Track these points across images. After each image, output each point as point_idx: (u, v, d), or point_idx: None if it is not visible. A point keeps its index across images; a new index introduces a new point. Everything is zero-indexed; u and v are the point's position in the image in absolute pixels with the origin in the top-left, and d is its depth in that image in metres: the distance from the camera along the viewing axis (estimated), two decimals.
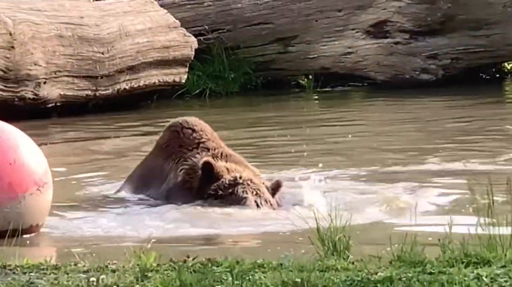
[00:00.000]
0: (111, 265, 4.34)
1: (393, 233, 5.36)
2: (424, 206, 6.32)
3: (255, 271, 4.06)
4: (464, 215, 5.70)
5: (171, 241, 5.75)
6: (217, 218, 6.27)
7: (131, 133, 10.70)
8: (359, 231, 5.34)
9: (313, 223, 4.44)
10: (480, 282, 3.81)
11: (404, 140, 9.49)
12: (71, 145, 10.09)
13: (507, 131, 9.73)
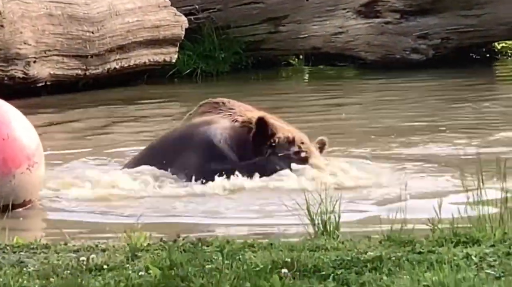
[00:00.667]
0: (101, 244, 4.34)
1: (383, 213, 5.38)
2: (414, 186, 6.34)
3: (245, 250, 4.07)
4: (454, 195, 5.72)
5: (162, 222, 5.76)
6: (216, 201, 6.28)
7: (122, 112, 10.68)
8: (349, 210, 5.35)
9: (304, 203, 4.45)
10: (469, 261, 3.83)
11: (394, 120, 9.49)
12: (62, 124, 10.07)
13: (497, 112, 9.75)
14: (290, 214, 5.04)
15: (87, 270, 3.88)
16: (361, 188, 6.41)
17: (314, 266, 3.78)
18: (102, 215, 5.94)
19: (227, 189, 6.41)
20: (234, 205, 6.12)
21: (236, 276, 3.62)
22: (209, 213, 5.97)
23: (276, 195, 6.23)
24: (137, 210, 5.96)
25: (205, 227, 5.63)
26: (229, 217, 5.86)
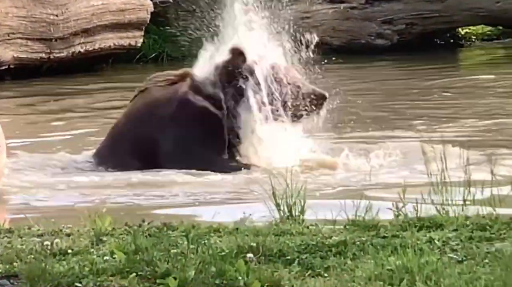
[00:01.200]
0: (65, 229, 4.32)
1: (348, 198, 5.41)
2: (378, 171, 6.37)
3: (210, 235, 4.07)
4: (418, 180, 5.76)
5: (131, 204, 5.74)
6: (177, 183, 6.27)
7: (87, 95, 10.62)
8: (315, 195, 5.38)
9: (269, 187, 4.47)
10: (432, 245, 3.87)
11: (358, 105, 9.53)
12: (26, 107, 9.99)
13: (460, 98, 9.83)
14: (255, 199, 5.06)
15: (51, 254, 3.86)
16: (326, 172, 6.44)
17: (280, 250, 3.80)
18: (67, 200, 5.92)
19: (192, 175, 6.40)
20: (200, 190, 6.12)
21: (201, 260, 3.62)
22: (174, 197, 5.96)
23: (242, 179, 6.24)
24: (103, 194, 5.94)
25: (171, 211, 5.62)
26: (194, 201, 5.86)
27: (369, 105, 9.56)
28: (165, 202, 5.90)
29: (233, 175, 6.37)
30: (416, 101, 9.69)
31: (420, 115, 8.83)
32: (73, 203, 5.80)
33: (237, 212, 5.23)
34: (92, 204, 5.68)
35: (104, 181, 6.31)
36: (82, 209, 5.30)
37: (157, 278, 3.57)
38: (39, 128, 8.59)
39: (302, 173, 6.21)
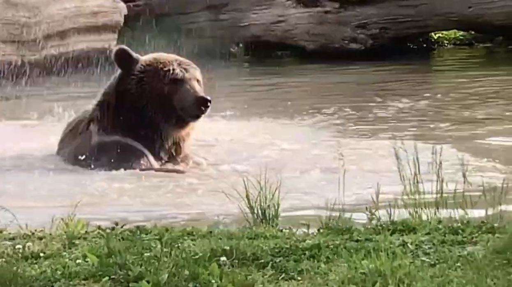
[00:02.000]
0: (37, 232, 4.30)
1: (321, 201, 5.42)
2: (352, 175, 6.39)
3: (184, 238, 4.06)
4: (391, 184, 5.78)
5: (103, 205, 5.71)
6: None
7: (59, 97, 10.55)
8: (288, 199, 5.38)
9: (243, 190, 4.46)
10: (405, 249, 3.88)
11: (330, 109, 9.56)
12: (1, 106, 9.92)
13: (432, 102, 9.88)
14: (229, 202, 5.05)
15: (23, 258, 3.83)
16: (300, 176, 6.45)
17: (253, 254, 3.80)
18: (37, 203, 5.87)
19: (163, 176, 6.39)
20: (172, 191, 6.11)
21: (175, 264, 3.61)
22: (147, 199, 5.94)
23: (214, 181, 6.23)
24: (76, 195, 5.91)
25: (143, 214, 5.60)
26: (168, 204, 5.84)
27: (342, 109, 9.58)
28: (138, 205, 5.88)
29: (204, 177, 6.37)
30: (388, 104, 9.73)
31: (393, 119, 8.86)
32: (45, 206, 5.76)
33: (210, 215, 5.23)
34: (63, 207, 5.65)
35: (72, 182, 6.28)
36: (54, 212, 5.27)
37: (130, 281, 3.55)
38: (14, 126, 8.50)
39: (275, 175, 6.21)
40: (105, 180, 6.24)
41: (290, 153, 7.20)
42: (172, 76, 6.45)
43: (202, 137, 7.83)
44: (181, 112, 6.45)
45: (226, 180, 6.23)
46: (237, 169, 6.58)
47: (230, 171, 6.52)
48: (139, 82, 6.48)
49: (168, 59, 6.58)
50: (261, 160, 6.90)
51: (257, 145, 7.51)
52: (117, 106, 6.52)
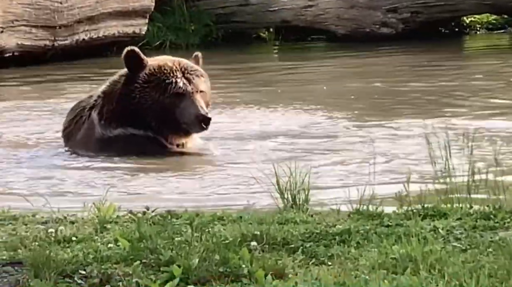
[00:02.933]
0: (70, 216, 4.33)
1: (352, 186, 5.41)
2: (383, 160, 6.37)
3: (214, 223, 4.08)
4: (422, 169, 5.76)
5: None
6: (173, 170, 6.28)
7: (89, 83, 10.61)
8: (319, 184, 5.38)
9: (274, 176, 4.47)
10: (436, 234, 3.87)
11: (363, 94, 9.53)
12: (30, 93, 10.00)
13: (462, 85, 9.81)
14: (260, 187, 5.06)
15: (55, 242, 3.87)
16: (331, 161, 6.44)
17: (283, 239, 3.80)
18: (70, 187, 5.92)
19: (193, 162, 6.41)
20: (202, 176, 6.13)
21: (205, 248, 3.63)
22: (177, 185, 5.97)
23: (245, 167, 6.24)
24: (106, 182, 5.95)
25: (174, 200, 5.63)
26: (199, 189, 5.86)
27: (372, 93, 9.55)
28: (169, 190, 5.90)
29: (233, 163, 6.37)
30: (420, 89, 9.68)
31: (424, 104, 8.82)
32: (77, 190, 5.80)
33: (241, 200, 5.24)
34: (95, 191, 5.69)
35: (105, 168, 6.31)
36: (85, 196, 5.31)
37: (161, 265, 3.57)
38: (42, 114, 8.57)
39: (305, 162, 6.21)
40: (124, 169, 6.26)
41: (319, 138, 7.19)
42: (175, 90, 6.43)
43: (232, 124, 7.84)
44: (184, 125, 6.47)
45: (256, 166, 6.24)
46: (267, 155, 6.58)
47: (260, 157, 6.53)
48: (142, 92, 6.45)
49: (172, 68, 6.50)
50: (290, 146, 6.90)
51: (286, 130, 7.51)
52: (120, 106, 6.51)
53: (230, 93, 9.72)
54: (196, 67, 6.64)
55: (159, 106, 6.43)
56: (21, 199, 5.41)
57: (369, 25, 13.81)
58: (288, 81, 10.71)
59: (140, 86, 6.47)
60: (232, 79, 10.87)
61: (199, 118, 6.40)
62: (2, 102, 9.56)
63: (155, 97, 6.44)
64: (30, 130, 7.75)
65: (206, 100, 6.54)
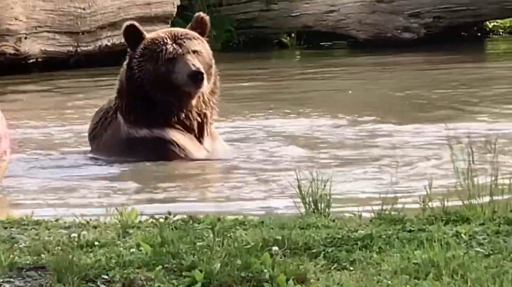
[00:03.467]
0: (92, 221, 4.35)
1: (374, 191, 5.40)
2: (404, 163, 6.36)
3: (236, 228, 4.08)
4: (444, 173, 5.74)
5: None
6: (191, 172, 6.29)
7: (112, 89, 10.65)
8: (340, 189, 5.37)
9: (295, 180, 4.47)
10: (459, 239, 3.85)
11: (384, 98, 9.51)
12: (52, 99, 10.05)
13: (485, 91, 9.77)
14: (281, 192, 5.06)
15: (78, 246, 3.88)
16: (352, 165, 6.43)
17: (305, 243, 3.80)
18: (91, 193, 5.94)
19: (215, 167, 6.42)
20: (224, 182, 6.13)
21: (227, 253, 3.63)
22: (198, 191, 5.98)
23: (266, 172, 6.25)
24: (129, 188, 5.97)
25: (195, 205, 5.63)
26: (220, 195, 5.87)
27: (395, 98, 9.53)
28: (191, 194, 5.91)
29: (255, 169, 6.38)
30: (442, 94, 9.65)
31: (447, 108, 8.79)
32: (98, 195, 5.83)
33: (262, 205, 5.24)
34: (117, 197, 5.71)
35: (128, 173, 6.33)
36: (108, 201, 5.33)
37: (183, 270, 3.58)
38: (64, 119, 8.61)
39: (327, 166, 6.21)
40: (147, 173, 6.28)
41: (341, 143, 7.19)
42: (166, 56, 6.44)
43: (252, 129, 7.85)
44: (181, 88, 6.43)
45: (277, 171, 6.23)
46: (288, 160, 6.58)
47: (281, 162, 6.53)
48: (139, 65, 6.48)
49: (163, 37, 6.51)
50: (312, 152, 6.90)
51: (307, 135, 7.50)
52: (129, 91, 6.51)
53: (251, 97, 9.74)
54: (188, 32, 6.62)
55: (156, 76, 6.41)
56: (44, 204, 5.44)
57: (391, 30, 13.78)
58: (310, 86, 10.70)
59: (137, 61, 6.50)
60: (253, 83, 10.88)
61: (190, 76, 6.37)
62: (26, 107, 9.62)
63: (151, 68, 6.44)
64: (54, 134, 7.80)
65: (204, 61, 6.50)
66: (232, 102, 9.25)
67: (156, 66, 6.44)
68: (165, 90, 6.44)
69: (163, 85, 6.43)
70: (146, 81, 6.46)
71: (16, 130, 7.85)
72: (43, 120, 8.46)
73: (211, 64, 6.59)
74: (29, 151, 7.09)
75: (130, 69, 6.53)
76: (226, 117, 8.15)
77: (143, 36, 6.53)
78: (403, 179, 5.89)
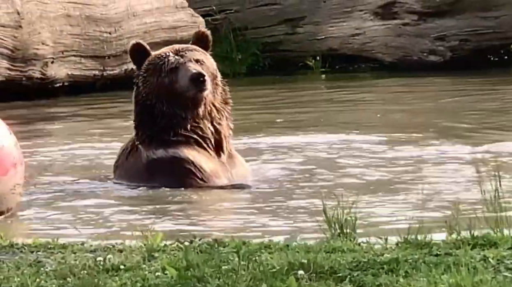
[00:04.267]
0: (118, 245, 4.35)
1: (400, 215, 5.37)
2: (431, 188, 6.32)
3: (261, 251, 4.07)
4: (471, 197, 5.69)
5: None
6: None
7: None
8: (366, 213, 5.35)
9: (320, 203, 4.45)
10: (486, 263, 3.81)
11: (410, 121, 9.47)
12: (78, 124, 10.10)
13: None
14: (306, 216, 5.04)
15: (104, 270, 3.89)
16: (379, 188, 6.40)
17: (331, 267, 3.78)
18: (118, 215, 5.95)
19: (239, 189, 6.40)
20: (249, 205, 6.12)
21: (252, 277, 3.62)
22: (223, 214, 5.97)
23: (291, 195, 6.23)
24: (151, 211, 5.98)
25: (220, 228, 5.63)
26: (244, 218, 5.86)
27: (422, 121, 9.49)
28: (215, 218, 5.91)
29: (279, 191, 6.36)
30: (469, 117, 9.60)
31: (474, 131, 8.74)
32: (125, 219, 5.83)
33: (287, 228, 5.22)
34: (142, 221, 5.71)
35: (151, 197, 6.34)
36: (133, 225, 5.33)
37: None
38: (89, 142, 8.64)
39: (353, 190, 6.18)
40: (170, 198, 6.27)
41: (366, 165, 7.16)
42: (168, 67, 6.51)
43: (278, 150, 7.84)
44: (185, 94, 6.45)
45: (301, 194, 6.21)
46: (314, 182, 6.56)
47: (306, 185, 6.51)
48: (144, 81, 6.54)
49: (165, 51, 6.62)
50: (337, 174, 6.87)
51: (332, 157, 7.48)
52: (137, 109, 6.55)
53: (276, 119, 9.74)
54: (189, 45, 6.72)
55: (159, 88, 6.46)
56: (71, 228, 5.46)
57: (417, 53, 13.76)
58: (335, 108, 10.69)
59: (141, 77, 6.57)
60: (279, 105, 10.88)
61: (191, 79, 6.42)
62: (54, 132, 9.68)
63: (154, 81, 6.49)
64: (80, 159, 7.83)
65: (207, 70, 6.54)
66: (256, 120, 9.27)
67: (160, 78, 6.50)
68: (170, 101, 6.46)
69: (167, 96, 6.46)
70: (151, 95, 6.50)
71: (41, 154, 7.91)
72: (69, 144, 8.50)
73: (216, 74, 6.64)
74: (54, 175, 7.12)
75: (137, 86, 6.59)
76: (249, 135, 8.17)
77: (149, 54, 6.58)
78: (430, 202, 5.85)
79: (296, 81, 13.37)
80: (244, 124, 8.68)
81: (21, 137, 6.80)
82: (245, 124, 8.70)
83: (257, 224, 5.65)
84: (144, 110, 6.54)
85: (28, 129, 9.43)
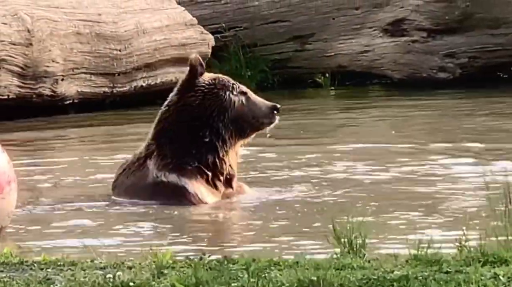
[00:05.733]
0: (127, 262, 4.35)
1: (410, 232, 5.35)
2: (440, 204, 6.30)
3: (271, 268, 4.06)
4: (481, 214, 5.68)
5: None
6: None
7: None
8: (376, 229, 5.33)
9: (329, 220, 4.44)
10: (497, 281, 3.80)
11: (419, 138, 9.46)
12: (89, 141, 10.12)
13: None
14: (315, 232, 5.03)
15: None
16: (388, 204, 6.39)
17: (340, 285, 3.77)
18: (128, 232, 5.95)
19: (248, 204, 6.40)
20: (258, 222, 6.12)
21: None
22: (232, 231, 5.97)
23: (299, 211, 6.22)
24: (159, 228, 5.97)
25: (230, 245, 5.62)
26: (253, 235, 5.85)
27: (431, 138, 9.48)
28: (224, 236, 5.90)
29: (288, 208, 6.35)
30: (479, 134, 9.58)
31: (484, 148, 8.72)
32: (134, 236, 5.83)
33: (297, 245, 5.21)
34: (152, 237, 5.71)
35: (159, 215, 6.33)
36: (143, 243, 5.33)
37: None
38: (101, 160, 8.65)
39: (362, 207, 6.17)
40: (179, 215, 6.26)
41: (376, 182, 7.15)
42: (240, 89, 6.64)
43: (285, 167, 7.84)
44: (253, 120, 6.47)
45: (310, 211, 6.21)
46: (323, 199, 6.55)
47: (315, 202, 6.50)
48: (206, 94, 6.52)
49: (227, 78, 6.77)
50: (347, 191, 6.86)
51: (341, 174, 7.47)
52: (176, 124, 6.50)
53: (285, 136, 9.74)
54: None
55: (226, 105, 6.50)
56: (80, 245, 5.46)
57: (426, 70, 13.76)
58: (345, 124, 10.69)
59: (201, 90, 6.53)
60: (289, 121, 10.89)
61: (272, 107, 6.64)
62: (61, 148, 9.70)
63: (223, 96, 6.53)
64: (88, 177, 7.84)
65: None
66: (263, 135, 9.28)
67: (230, 96, 6.58)
68: (231, 120, 6.48)
69: (233, 114, 6.48)
70: (208, 109, 6.45)
71: (48, 173, 7.92)
72: (75, 163, 8.51)
73: None
74: (59, 194, 7.12)
75: (186, 97, 6.54)
76: (257, 148, 8.16)
77: (203, 71, 6.65)
78: (440, 219, 5.84)
79: (305, 98, 13.37)
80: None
81: (27, 155, 6.79)
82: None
83: (267, 241, 5.64)
84: (188, 125, 6.44)
85: (35, 145, 9.46)
